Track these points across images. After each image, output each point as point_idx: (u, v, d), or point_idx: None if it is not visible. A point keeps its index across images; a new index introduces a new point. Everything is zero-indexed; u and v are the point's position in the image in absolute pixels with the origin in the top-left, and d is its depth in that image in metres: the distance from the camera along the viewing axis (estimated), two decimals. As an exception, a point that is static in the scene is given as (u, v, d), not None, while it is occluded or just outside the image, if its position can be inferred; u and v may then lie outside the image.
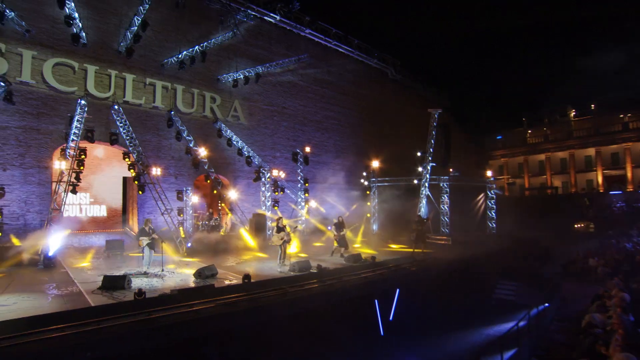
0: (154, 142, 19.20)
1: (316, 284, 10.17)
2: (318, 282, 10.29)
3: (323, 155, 27.33)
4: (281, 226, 13.27)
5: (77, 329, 6.36)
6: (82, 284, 9.80)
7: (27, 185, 15.80)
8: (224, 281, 10.43)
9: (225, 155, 21.85)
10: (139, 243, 11.01)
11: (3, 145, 15.55)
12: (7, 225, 14.89)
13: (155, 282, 10.12)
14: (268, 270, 12.36)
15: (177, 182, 19.73)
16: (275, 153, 24.34)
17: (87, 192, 19.47)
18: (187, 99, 20.43)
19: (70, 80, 17.02)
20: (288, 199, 23.28)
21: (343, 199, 27.89)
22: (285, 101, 25.25)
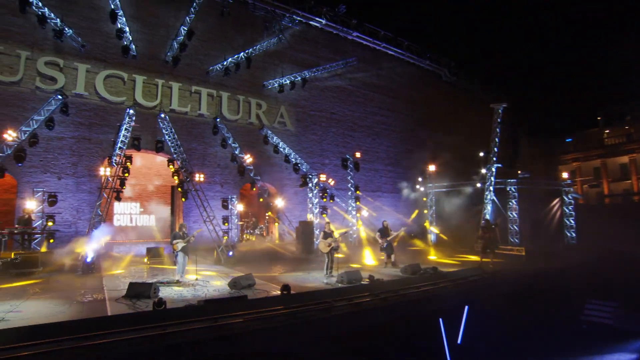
0: (200, 150, 18.69)
1: (368, 298, 8.47)
2: (370, 296, 8.58)
3: (374, 162, 25.61)
4: (328, 231, 11.77)
5: (76, 342, 5.25)
6: (111, 291, 8.94)
7: (79, 193, 15.75)
8: (261, 293, 9.07)
9: (271, 163, 20.91)
10: (173, 247, 10.05)
11: (59, 155, 15.69)
12: (60, 233, 14.77)
13: (186, 291, 9.03)
14: (312, 281, 10.86)
15: (223, 191, 19.01)
16: (324, 160, 23.04)
17: (137, 202, 19.33)
18: (233, 106, 19.85)
19: (120, 90, 17.04)
20: (338, 207, 21.76)
21: (397, 207, 25.88)
22: (334, 106, 24.02)
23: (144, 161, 19.48)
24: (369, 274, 10.76)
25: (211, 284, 10.05)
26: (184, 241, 10.02)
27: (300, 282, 10.71)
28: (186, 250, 10.12)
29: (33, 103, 15.29)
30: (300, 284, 10.41)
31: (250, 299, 8.03)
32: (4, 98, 14.99)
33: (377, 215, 24.28)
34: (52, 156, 15.52)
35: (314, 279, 11.30)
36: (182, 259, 10.00)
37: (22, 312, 7.36)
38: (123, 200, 19.00)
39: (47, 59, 15.69)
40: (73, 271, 11.44)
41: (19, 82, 15.20)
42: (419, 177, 23.22)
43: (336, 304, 7.91)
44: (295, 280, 10.97)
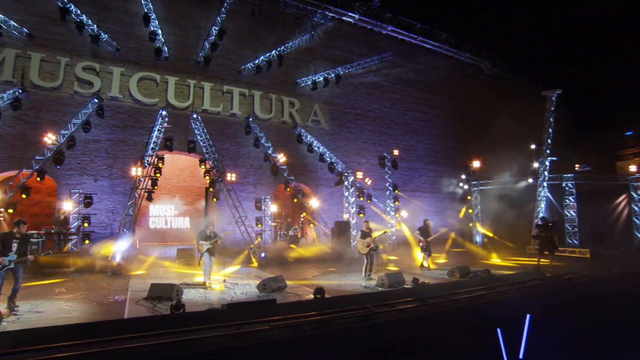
0: (233, 150, 18.19)
1: (413, 304, 7.29)
2: (416, 302, 7.39)
3: (413, 160, 24.16)
4: (367, 231, 10.68)
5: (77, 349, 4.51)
6: (134, 292, 8.36)
7: (114, 195, 15.63)
8: (292, 296, 8.12)
9: (306, 163, 20.09)
10: (197, 248, 9.37)
11: (95, 158, 15.68)
12: (96, 234, 14.64)
13: (211, 294, 8.26)
14: (349, 285, 9.80)
15: (256, 192, 18.37)
16: (360, 159, 21.91)
17: (171, 204, 19.11)
18: (265, 105, 19.25)
19: (153, 92, 16.88)
20: (376, 208, 20.53)
21: (438, 207, 24.24)
22: (369, 103, 22.90)
23: (179, 163, 19.27)
24: (413, 277, 9.56)
25: (239, 286, 9.25)
26: (209, 243, 9.30)
27: (336, 285, 9.69)
28: (212, 251, 9.40)
29: (71, 107, 15.38)
30: (336, 287, 9.40)
31: (279, 303, 7.10)
32: (45, 103, 15.19)
33: (417, 216, 22.87)
34: (89, 159, 15.52)
35: (351, 282, 10.23)
36: (208, 260, 9.27)
37: (41, 312, 6.88)
38: (158, 202, 18.88)
39: (85, 64, 15.80)
40: (104, 272, 11.07)
41: (59, 87, 15.37)
42: (462, 175, 21.56)
43: (377, 310, 6.80)
44: (331, 283, 9.96)
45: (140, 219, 18.53)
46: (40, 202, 16.66)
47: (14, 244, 7.40)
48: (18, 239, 7.45)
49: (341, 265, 13.77)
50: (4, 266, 7.26)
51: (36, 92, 15.06)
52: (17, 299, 7.84)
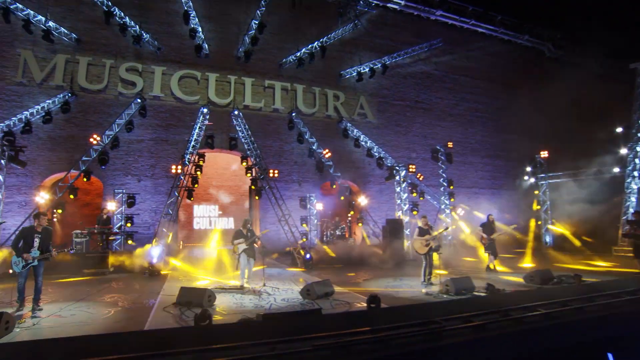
0: (276, 147, 17.22)
1: (493, 318, 5.65)
2: (495, 315, 5.74)
3: (468, 154, 21.92)
4: (425, 227, 9.10)
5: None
6: (166, 295, 7.44)
7: (157, 195, 15.19)
8: (341, 305, 6.75)
9: (352, 158, 18.69)
10: (233, 249, 8.31)
11: (138, 158, 15.36)
12: (139, 234, 14.24)
13: (248, 300, 7.11)
14: (407, 291, 8.25)
15: (301, 190, 17.25)
16: (411, 154, 20.13)
17: (215, 205, 18.50)
18: (308, 99, 18.12)
19: (194, 90, 16.34)
20: (428, 206, 18.67)
21: (497, 204, 21.74)
22: (419, 94, 21.06)
23: (222, 161, 18.66)
24: (487, 283, 7.83)
25: (280, 291, 8.04)
26: (246, 242, 8.20)
27: (391, 291, 8.20)
28: (250, 252, 8.29)
29: (116, 108, 15.18)
30: (392, 293, 7.91)
31: (326, 313, 5.76)
32: (92, 105, 15.11)
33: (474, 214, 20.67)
34: (132, 159, 15.21)
35: (408, 287, 8.68)
36: (245, 262, 8.17)
37: (62, 317, 6.08)
38: (202, 202, 18.35)
39: (128, 64, 15.58)
40: (142, 273, 10.38)
41: (104, 89, 15.24)
42: (527, 167, 19.02)
43: (448, 326, 5.26)
44: (385, 288, 8.48)
45: (184, 219, 18.11)
46: (90, 203, 16.67)
47: (36, 239, 6.73)
48: (40, 233, 6.77)
49: (394, 267, 12.20)
50: (27, 263, 6.60)
51: (84, 95, 15.02)
52: (46, 300, 7.21)
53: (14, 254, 6.58)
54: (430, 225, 9.30)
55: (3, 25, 14.37)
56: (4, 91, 14.32)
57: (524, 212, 19.34)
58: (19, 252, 6.59)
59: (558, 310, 6.34)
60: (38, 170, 14.27)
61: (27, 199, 13.93)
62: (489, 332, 5.36)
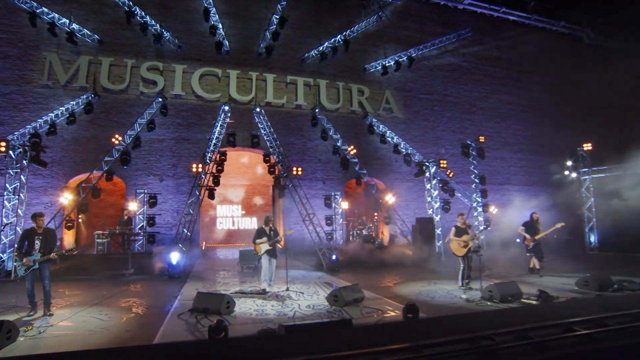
0: (299, 145, 16.60)
1: (554, 334, 4.74)
2: (557, 329, 4.83)
3: (500, 149, 20.62)
4: (462, 227, 8.22)
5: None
6: (183, 300, 6.88)
7: (179, 195, 14.85)
8: (373, 313, 5.98)
9: (379, 155, 17.85)
10: (255, 249, 7.67)
11: (160, 157, 15.07)
12: (161, 235, 13.94)
13: (270, 306, 6.45)
14: (445, 296, 7.38)
15: (326, 188, 16.56)
16: (440, 149, 19.07)
17: (239, 205, 18.06)
18: (332, 94, 17.41)
19: (215, 88, 15.93)
20: (459, 204, 17.56)
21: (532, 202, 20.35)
22: (447, 87, 19.97)
23: (246, 161, 18.23)
24: (539, 289, 6.87)
25: (305, 296, 7.35)
26: (269, 243, 7.56)
27: (427, 296, 7.36)
28: (273, 252, 7.65)
29: (137, 108, 14.96)
30: (427, 299, 7.07)
31: (357, 324, 5.02)
32: (114, 106, 14.95)
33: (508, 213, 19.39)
34: (154, 158, 14.94)
35: (445, 292, 7.80)
36: (268, 264, 7.52)
37: (72, 324, 5.61)
38: (225, 202, 17.96)
39: (149, 64, 15.35)
40: (162, 275, 9.93)
41: (126, 89, 15.06)
42: (567, 162, 17.62)
43: (501, 342, 4.40)
44: (419, 293, 7.65)
45: (207, 219, 17.77)
46: (114, 204, 16.56)
47: (37, 241, 6.32)
48: (40, 235, 6.37)
49: (426, 269, 11.30)
50: (29, 267, 6.19)
51: (106, 96, 14.87)
52: (61, 303, 6.81)
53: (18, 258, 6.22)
54: (469, 225, 8.40)
55: (30, 30, 14.40)
56: (32, 94, 14.34)
57: (563, 210, 17.93)
58: (21, 255, 6.22)
59: (634, 326, 5.35)
60: (63, 172, 14.20)
61: (52, 200, 13.86)
62: (552, 351, 4.47)
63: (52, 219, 12.77)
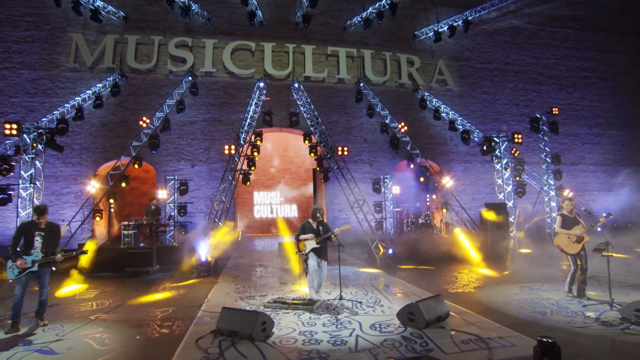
0: (342, 123, 14.65)
1: None
2: None
3: (572, 123, 17.57)
4: (571, 215, 6.00)
5: None
6: (206, 313, 5.22)
7: (212, 181, 13.42)
8: (470, 343, 3.95)
9: (431, 133, 15.56)
10: (298, 247, 5.86)
11: (191, 141, 13.70)
12: (193, 225, 12.59)
13: (320, 326, 4.57)
14: (558, 312, 5.13)
15: (373, 171, 14.56)
16: (501, 126, 16.41)
17: (277, 191, 16.48)
18: (378, 66, 15.23)
19: (249, 63, 14.27)
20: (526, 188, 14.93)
21: (610, 185, 17.30)
22: (508, 54, 17.14)
23: (284, 142, 16.57)
24: None
25: (365, 307, 5.47)
26: (317, 240, 5.76)
27: (531, 310, 5.22)
28: (322, 252, 5.79)
29: (167, 88, 13.61)
30: (538, 317, 4.92)
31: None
32: (142, 87, 13.71)
33: (583, 197, 16.57)
34: (185, 142, 13.57)
35: (553, 304, 5.56)
36: (316, 266, 5.69)
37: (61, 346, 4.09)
38: (262, 188, 16.45)
39: (177, 40, 13.93)
40: (190, 272, 8.45)
41: (154, 68, 13.77)
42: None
43: None
44: (518, 305, 5.53)
45: (244, 207, 16.34)
46: (147, 192, 15.46)
47: (37, 237, 4.89)
48: (42, 230, 4.93)
49: (501, 266, 9.08)
50: (24, 269, 4.78)
51: (134, 77, 13.64)
52: (59, 314, 5.40)
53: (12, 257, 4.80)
54: (578, 213, 6.13)
55: (56, 11, 13.38)
56: (59, 78, 13.37)
57: None
58: (15, 254, 4.80)
59: None
60: (92, 159, 13.17)
61: (82, 188, 12.88)
62: None
63: (80, 208, 11.76)
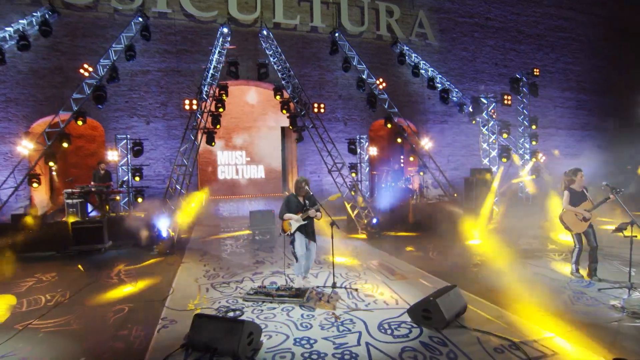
0: (315, 77, 13.33)
1: None
2: None
3: (547, 86, 17.20)
4: (578, 189, 5.38)
5: None
6: (175, 312, 4.22)
7: (171, 140, 11.88)
8: (505, 351, 3.28)
9: (409, 91, 14.66)
10: (282, 227, 4.88)
11: (145, 94, 11.87)
12: (152, 190, 11.22)
13: (317, 328, 3.72)
14: (576, 297, 4.64)
15: (347, 130, 13.59)
16: (479, 86, 15.81)
17: (242, 150, 15.18)
18: (355, 14, 13.75)
19: (210, 5, 12.28)
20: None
21: (578, 150, 17.55)
22: (490, 9, 16.17)
23: (249, 97, 15.05)
24: None
25: (363, 296, 4.70)
26: (302, 215, 4.88)
27: (549, 298, 4.68)
28: (309, 231, 4.84)
29: (112, 30, 11.47)
30: (560, 307, 4.37)
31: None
32: (81, 27, 11.44)
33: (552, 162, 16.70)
34: (137, 95, 11.75)
35: (566, 287, 5.02)
36: (304, 250, 4.78)
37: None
38: (226, 148, 15.07)
39: (122, -30, 11.57)
40: (150, 248, 7.30)
41: (94, 4, 11.43)
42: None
43: None
44: (529, 289, 4.97)
45: (207, 167, 14.95)
46: (96, 152, 13.58)
47: None
48: None
49: (489, 235, 8.69)
50: None
51: (69, 14, 11.29)
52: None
53: None
54: (586, 187, 5.56)
55: None
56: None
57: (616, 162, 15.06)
58: None
59: None
60: (22, 113, 11.08)
61: (12, 149, 10.91)
62: None
63: (11, 172, 9.94)
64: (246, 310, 4.26)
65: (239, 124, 15.21)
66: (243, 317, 4.01)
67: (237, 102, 14.64)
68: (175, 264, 6.37)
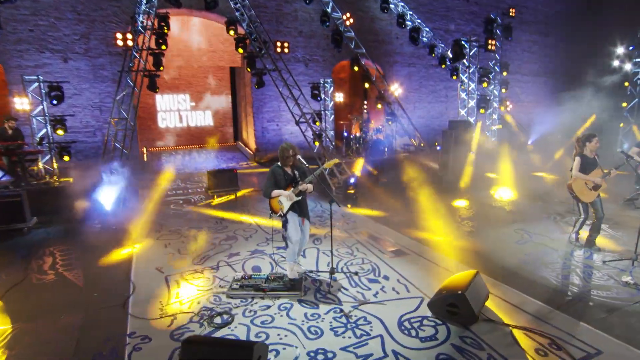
0: (272, 9, 11.87)
1: None
2: None
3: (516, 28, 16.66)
4: (591, 155, 5.16)
5: None
6: (142, 322, 3.49)
7: (98, 82, 10.15)
8: (546, 353, 3.05)
9: (376, 29, 13.75)
10: (271, 206, 4.11)
11: (57, 22, 9.78)
12: (81, 144, 9.72)
13: (332, 333, 3.22)
14: (586, 273, 4.50)
15: (309, 72, 12.59)
16: (449, 25, 15.30)
17: (186, 94, 13.63)
18: None
19: None
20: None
21: (545, 98, 18.13)
22: None
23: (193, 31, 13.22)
24: None
25: (368, 282, 4.22)
26: (294, 191, 4.17)
27: (561, 275, 4.55)
28: (303, 209, 4.25)
29: None
30: (573, 287, 4.24)
31: None
32: None
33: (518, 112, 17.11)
34: (46, 23, 9.64)
35: (569, 260, 4.99)
36: (299, 234, 4.14)
37: None
38: (166, 90, 13.43)
39: None
40: (90, 224, 6.26)
41: None
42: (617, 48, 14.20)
43: None
44: (534, 264, 4.77)
45: (143, 113, 13.28)
46: None
47: None
48: None
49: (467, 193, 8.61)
50: None
51: None
52: None
53: None
54: (597, 154, 5.38)
55: None
56: None
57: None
58: None
59: None
60: None
61: None
62: None
63: None
64: (236, 312, 3.67)
65: (182, 63, 13.45)
66: (235, 324, 3.44)
67: (179, 36, 12.80)
68: (127, 244, 5.47)
